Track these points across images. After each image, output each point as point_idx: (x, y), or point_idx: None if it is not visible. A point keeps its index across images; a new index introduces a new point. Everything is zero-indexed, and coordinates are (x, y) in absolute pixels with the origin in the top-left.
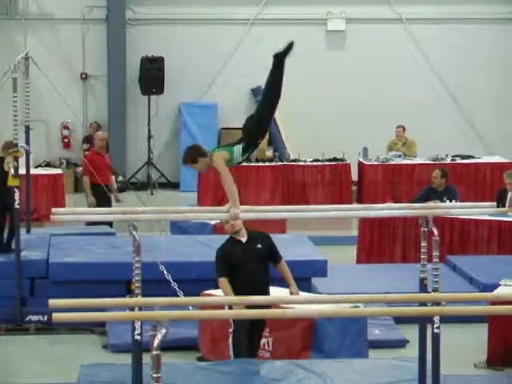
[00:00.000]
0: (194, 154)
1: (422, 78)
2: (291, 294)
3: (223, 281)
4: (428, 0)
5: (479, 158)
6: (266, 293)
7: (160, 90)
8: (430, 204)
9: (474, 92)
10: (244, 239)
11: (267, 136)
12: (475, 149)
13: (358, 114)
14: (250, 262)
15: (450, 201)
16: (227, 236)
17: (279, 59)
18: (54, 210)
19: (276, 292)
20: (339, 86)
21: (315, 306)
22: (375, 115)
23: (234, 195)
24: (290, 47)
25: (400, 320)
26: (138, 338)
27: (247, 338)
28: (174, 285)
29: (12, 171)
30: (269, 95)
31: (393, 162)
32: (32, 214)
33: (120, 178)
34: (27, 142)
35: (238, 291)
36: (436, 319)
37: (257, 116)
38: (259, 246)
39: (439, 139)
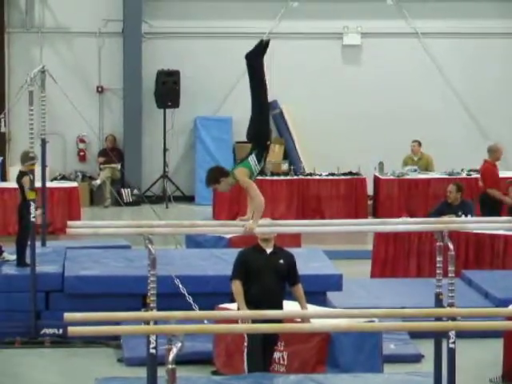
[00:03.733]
0: (216, 175)
1: (438, 92)
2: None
3: (236, 283)
4: (443, 14)
5: None
6: (280, 306)
7: (176, 103)
8: (446, 219)
9: (489, 106)
10: (269, 250)
11: (283, 149)
12: None
13: (374, 128)
14: (267, 273)
15: (466, 215)
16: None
17: (248, 59)
18: (69, 222)
19: (289, 306)
20: (355, 100)
21: (330, 320)
22: (391, 129)
23: (260, 210)
24: (259, 46)
25: (415, 335)
26: (152, 351)
27: (261, 351)
28: (189, 298)
29: (27, 188)
30: (255, 97)
31: (408, 177)
32: (47, 227)
33: (135, 191)
34: (43, 155)
35: (251, 299)
36: (451, 334)
37: (255, 121)
38: (281, 261)
39: (455, 153)
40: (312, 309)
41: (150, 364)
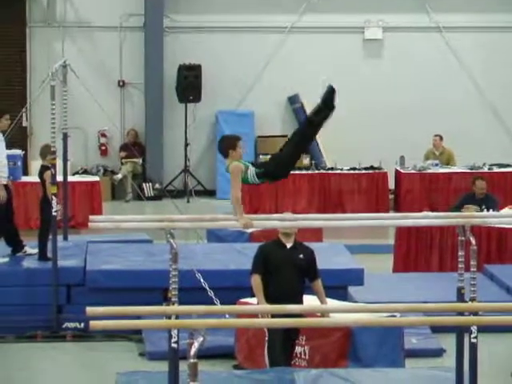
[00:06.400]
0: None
1: (460, 87)
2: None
3: (255, 277)
4: (465, 8)
5: None
6: (300, 301)
7: (197, 97)
8: (468, 213)
9: (511, 100)
10: (289, 245)
11: None
12: None
13: (395, 122)
14: (287, 268)
15: (488, 209)
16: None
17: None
18: (91, 217)
19: (310, 301)
20: (376, 94)
21: (352, 314)
22: (412, 123)
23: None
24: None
25: (437, 329)
26: (174, 345)
27: (282, 346)
28: (211, 293)
29: (48, 182)
30: (294, 145)
31: (430, 171)
32: (69, 221)
33: (157, 185)
34: (65, 150)
35: (271, 294)
36: (473, 329)
37: (283, 157)
38: (301, 256)
39: (476, 147)
40: (333, 303)
41: (172, 358)
